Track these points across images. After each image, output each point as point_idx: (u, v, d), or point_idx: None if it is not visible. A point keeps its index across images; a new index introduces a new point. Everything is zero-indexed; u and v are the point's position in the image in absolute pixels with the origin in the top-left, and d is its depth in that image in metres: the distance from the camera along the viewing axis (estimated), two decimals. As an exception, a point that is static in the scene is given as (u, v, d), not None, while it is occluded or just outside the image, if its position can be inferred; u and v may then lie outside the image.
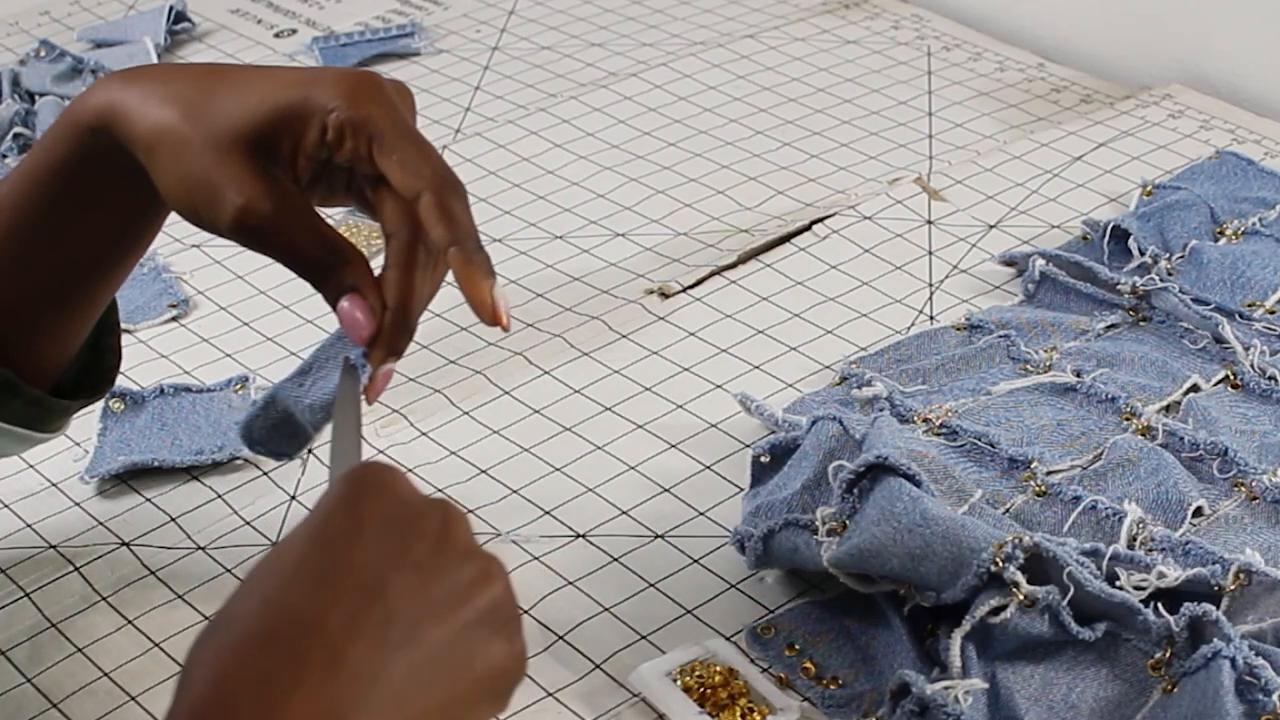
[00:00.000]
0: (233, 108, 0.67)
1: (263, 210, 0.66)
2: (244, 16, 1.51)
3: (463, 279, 0.66)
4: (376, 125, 0.66)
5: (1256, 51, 1.26)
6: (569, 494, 0.90)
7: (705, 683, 0.76)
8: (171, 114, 0.67)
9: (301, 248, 0.67)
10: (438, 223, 0.65)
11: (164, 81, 0.69)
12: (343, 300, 0.67)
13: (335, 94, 0.67)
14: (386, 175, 0.66)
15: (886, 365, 0.97)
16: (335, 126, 0.67)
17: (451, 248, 0.65)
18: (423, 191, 0.65)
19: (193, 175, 0.67)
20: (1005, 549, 0.73)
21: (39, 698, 0.80)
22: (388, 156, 0.66)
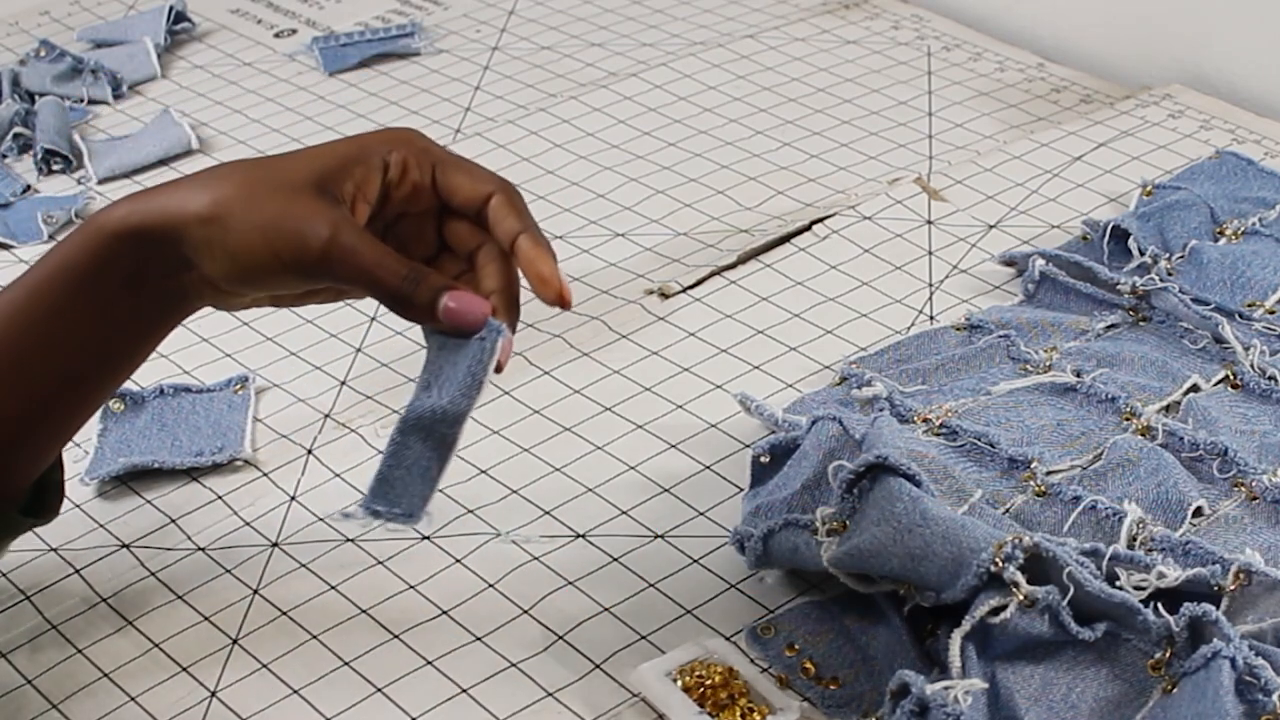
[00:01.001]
0: (291, 164, 0.72)
1: (348, 238, 0.69)
2: (244, 16, 1.51)
3: (534, 259, 0.72)
4: (436, 153, 0.73)
5: (1256, 51, 1.26)
6: (569, 494, 0.90)
7: (705, 683, 0.76)
8: (227, 185, 0.71)
9: (388, 269, 0.70)
10: (508, 214, 0.72)
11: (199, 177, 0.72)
12: (444, 300, 0.70)
13: (387, 139, 0.73)
14: (454, 191, 0.73)
15: (886, 365, 0.97)
16: (398, 163, 0.72)
17: (522, 234, 0.72)
18: (494, 193, 0.73)
19: (270, 221, 0.69)
20: (1005, 549, 0.73)
21: (39, 699, 0.80)
22: (454, 174, 0.73)
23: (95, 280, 0.72)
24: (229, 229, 0.70)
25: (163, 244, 0.71)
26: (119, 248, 0.71)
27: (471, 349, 0.71)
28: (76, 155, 1.27)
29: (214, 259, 0.71)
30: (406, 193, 0.73)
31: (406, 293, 0.70)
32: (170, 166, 1.26)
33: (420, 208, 0.74)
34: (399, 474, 0.72)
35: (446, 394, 0.71)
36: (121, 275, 0.72)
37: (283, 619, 0.83)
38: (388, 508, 0.71)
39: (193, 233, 0.70)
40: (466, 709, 0.78)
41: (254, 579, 0.86)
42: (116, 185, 1.24)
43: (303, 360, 1.03)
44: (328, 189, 0.71)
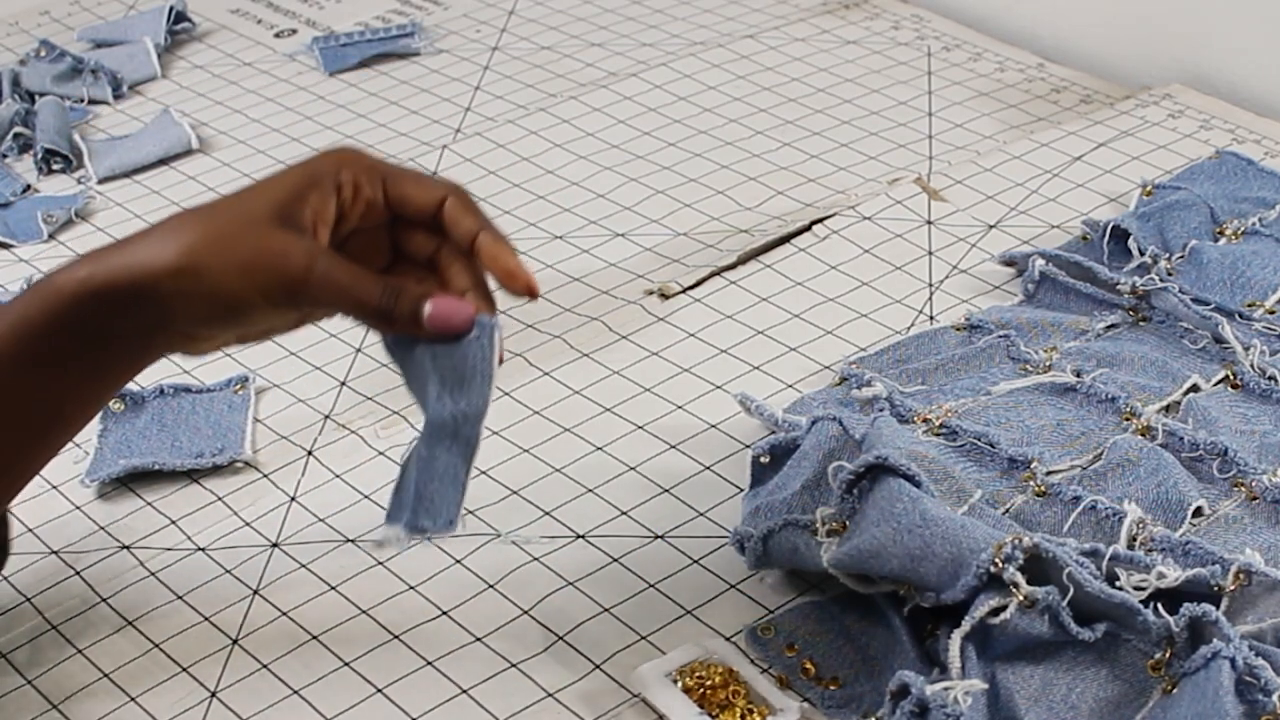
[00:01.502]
0: (249, 201, 0.72)
1: (324, 265, 0.71)
2: (244, 16, 1.51)
3: (497, 254, 0.73)
4: (383, 168, 0.74)
5: (1256, 51, 1.26)
6: (569, 494, 0.90)
7: (705, 683, 0.76)
8: (192, 234, 0.71)
9: (366, 288, 0.71)
10: (464, 215, 0.74)
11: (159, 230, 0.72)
12: (426, 308, 0.71)
13: (334, 161, 0.73)
14: (406, 201, 0.74)
15: (886, 365, 0.97)
16: (349, 182, 0.73)
17: (481, 232, 0.73)
18: (446, 196, 0.74)
19: (247, 260, 0.70)
20: (1005, 549, 0.73)
21: (39, 699, 0.80)
22: (405, 184, 0.74)
23: (54, 341, 0.72)
24: (204, 276, 0.70)
25: (131, 302, 0.71)
26: (80, 309, 0.71)
27: (470, 348, 0.72)
28: (76, 155, 1.27)
29: (190, 308, 0.71)
30: (361, 209, 0.74)
31: (387, 307, 0.71)
32: (170, 166, 1.27)
33: (373, 222, 0.75)
34: (434, 486, 0.72)
35: (462, 396, 0.72)
36: (82, 335, 0.72)
37: (283, 619, 0.83)
38: (432, 522, 0.71)
39: (165, 286, 0.71)
40: (466, 709, 0.78)
41: (254, 579, 0.86)
42: (116, 185, 1.24)
43: (303, 360, 1.03)
44: (290, 219, 0.72)
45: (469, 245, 0.74)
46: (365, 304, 0.71)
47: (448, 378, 0.72)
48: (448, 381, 0.72)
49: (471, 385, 0.72)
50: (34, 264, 1.15)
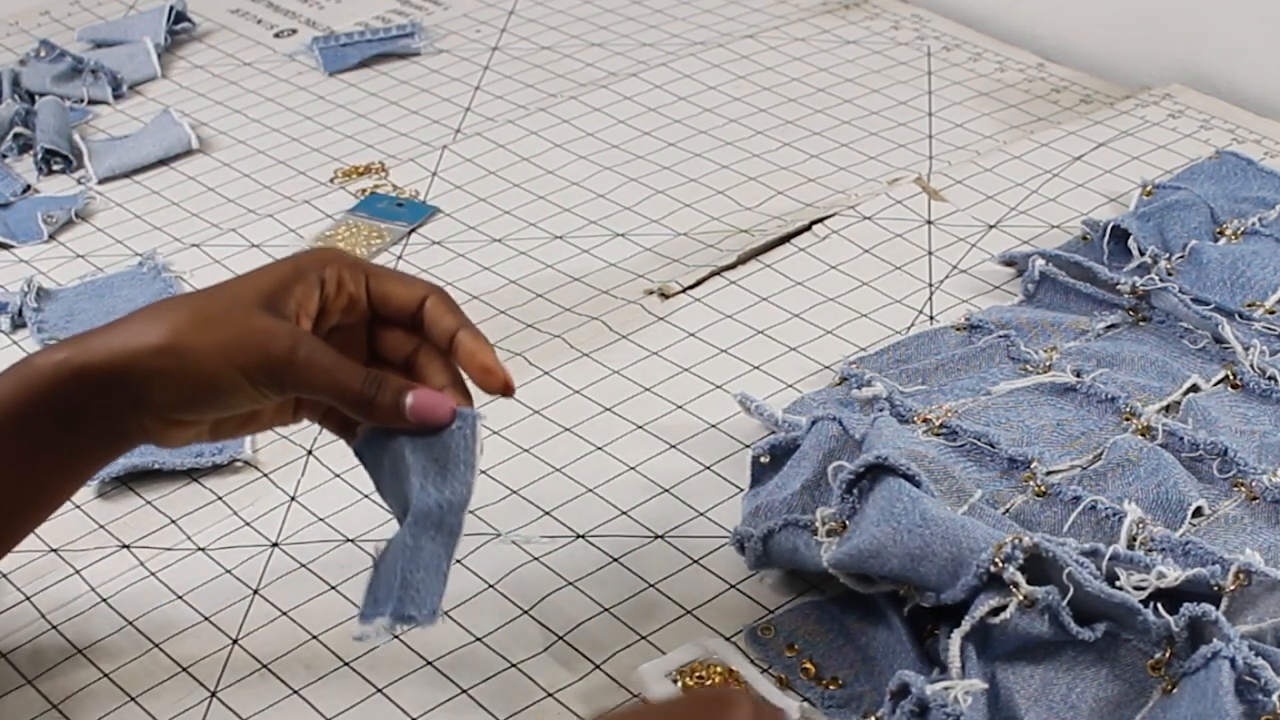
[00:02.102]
0: (234, 289, 0.74)
1: (307, 349, 0.71)
2: (244, 16, 1.51)
3: (475, 351, 0.75)
4: (366, 266, 0.76)
5: (1256, 51, 1.26)
6: (569, 494, 0.90)
7: (705, 683, 0.76)
8: (177, 316, 0.72)
9: (349, 375, 0.72)
10: (445, 313, 0.75)
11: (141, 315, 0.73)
12: (407, 399, 0.72)
13: (318, 258, 0.75)
14: (389, 298, 0.75)
15: (886, 365, 0.97)
16: (333, 278, 0.74)
17: (460, 330, 0.75)
18: (428, 295, 0.75)
19: (230, 340, 0.71)
20: (1005, 549, 0.73)
21: (39, 699, 0.80)
22: (387, 282, 0.76)
23: (28, 420, 0.72)
24: (185, 354, 0.71)
25: (109, 382, 0.72)
26: (56, 389, 0.72)
27: (453, 439, 0.73)
28: (76, 155, 1.27)
29: (169, 388, 0.72)
30: (343, 304, 0.75)
31: (369, 396, 0.72)
32: (170, 166, 1.27)
33: (354, 319, 0.76)
34: (420, 575, 0.72)
35: (446, 486, 0.73)
36: (57, 416, 0.72)
37: (283, 619, 0.83)
38: (418, 611, 0.71)
39: (145, 364, 0.71)
40: (466, 709, 0.78)
41: (254, 579, 0.86)
42: (116, 185, 1.24)
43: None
44: (274, 307, 0.73)
45: (448, 343, 0.75)
46: (348, 390, 0.72)
47: (430, 468, 0.73)
48: (430, 472, 0.73)
49: (455, 475, 0.73)
50: (34, 264, 1.15)
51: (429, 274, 1.11)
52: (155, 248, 1.15)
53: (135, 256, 1.15)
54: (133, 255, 1.15)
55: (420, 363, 0.76)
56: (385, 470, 0.75)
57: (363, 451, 0.76)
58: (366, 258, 1.12)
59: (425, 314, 0.76)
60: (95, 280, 1.12)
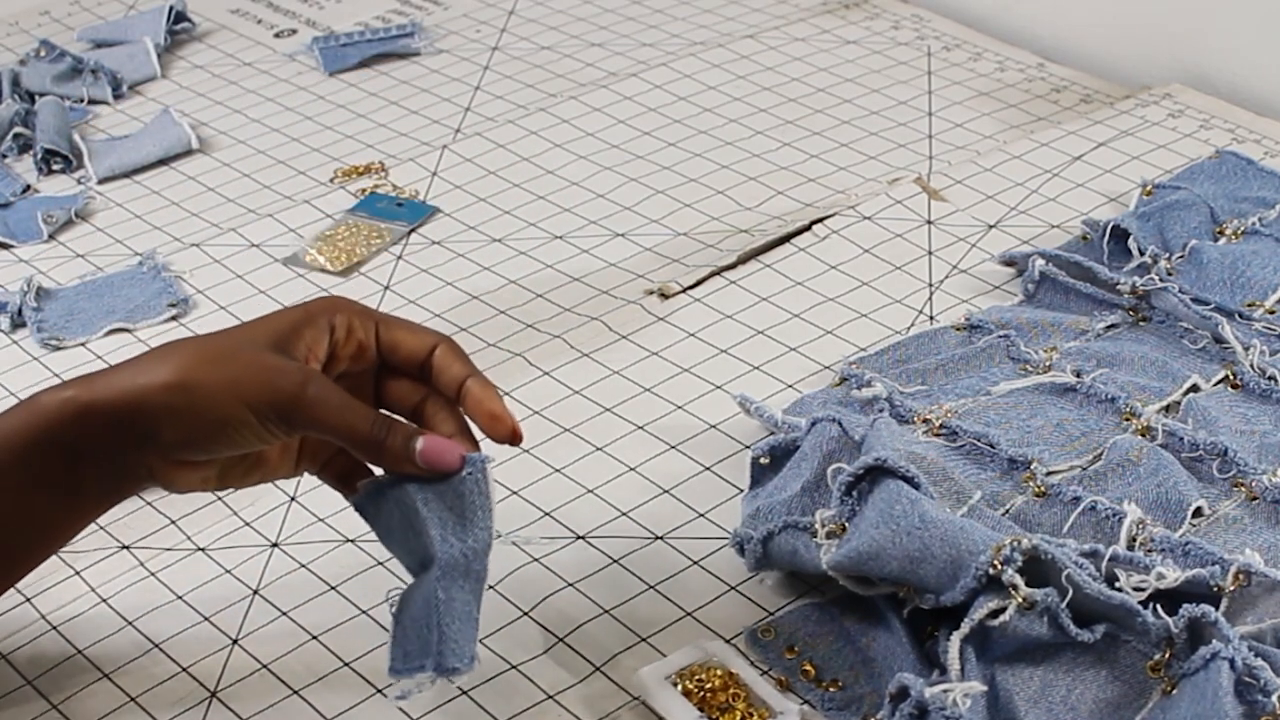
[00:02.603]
0: (245, 332, 0.74)
1: (318, 387, 0.71)
2: (244, 16, 1.51)
3: (483, 398, 0.75)
4: (375, 314, 0.76)
5: (1256, 51, 1.26)
6: (569, 495, 0.90)
7: (705, 686, 0.76)
8: (187, 356, 0.72)
9: (360, 416, 0.72)
10: (454, 362, 0.75)
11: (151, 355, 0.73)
12: (417, 444, 0.72)
13: (328, 305, 0.75)
14: (398, 346, 0.75)
15: (886, 366, 0.97)
16: (343, 324, 0.75)
17: (469, 378, 0.75)
18: (438, 344, 0.75)
19: (240, 376, 0.71)
20: (1004, 551, 0.73)
21: (39, 699, 0.80)
22: (397, 330, 0.76)
23: (33, 457, 0.72)
24: (194, 391, 0.71)
25: (115, 421, 0.71)
26: (63, 426, 0.72)
27: (467, 486, 0.73)
28: (76, 155, 1.27)
29: (177, 425, 0.71)
30: (352, 351, 0.75)
31: (379, 438, 0.72)
32: (170, 166, 1.27)
33: (362, 366, 0.76)
34: (455, 626, 0.72)
35: (468, 534, 0.73)
36: (62, 454, 0.72)
37: (283, 619, 0.83)
38: (459, 662, 0.71)
39: (155, 400, 0.71)
40: (466, 711, 0.78)
41: (254, 579, 0.86)
42: (116, 185, 1.24)
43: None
44: (284, 349, 0.73)
45: (456, 391, 0.75)
46: (357, 431, 0.72)
47: (448, 518, 0.73)
48: (449, 522, 0.73)
49: (474, 522, 0.73)
50: (34, 264, 1.15)
51: (429, 274, 1.11)
52: (155, 248, 1.15)
53: (135, 256, 1.15)
54: (133, 255, 1.15)
55: (427, 412, 0.76)
56: (394, 523, 0.75)
57: (365, 506, 0.76)
58: (366, 257, 1.12)
59: (434, 362, 0.76)
60: (95, 280, 1.12)
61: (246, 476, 0.77)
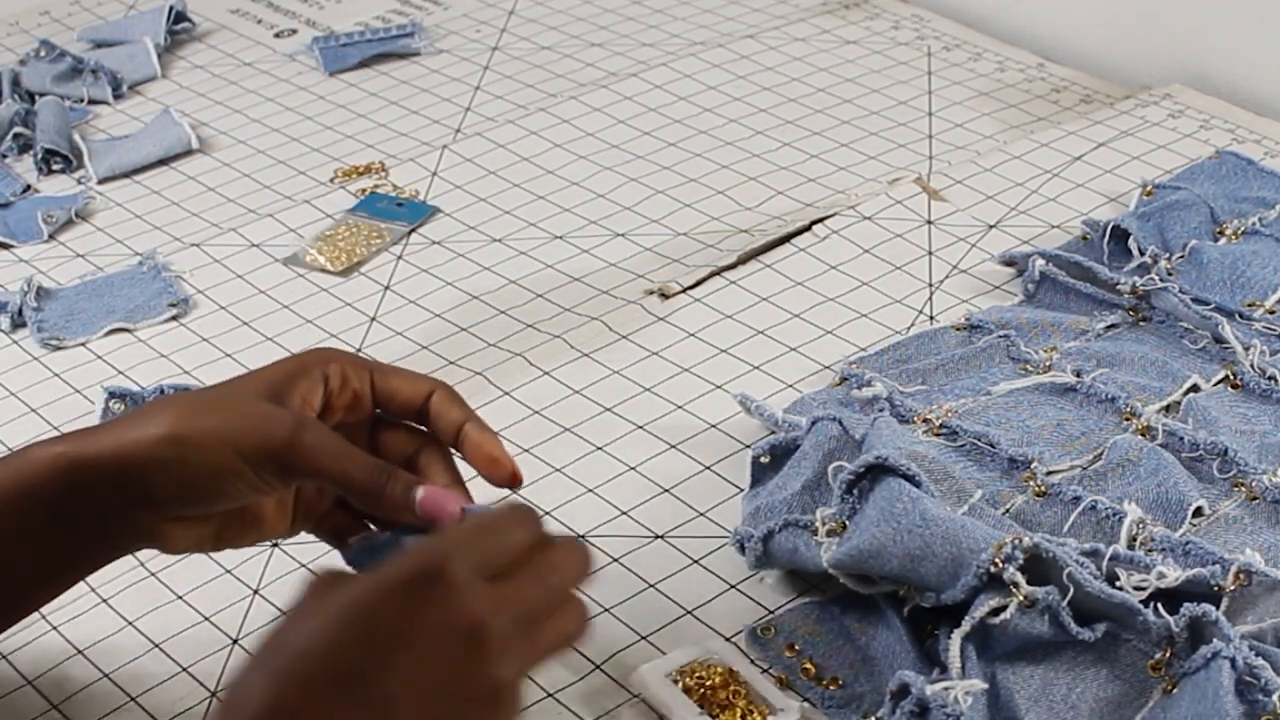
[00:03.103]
0: (239, 383, 0.73)
1: (313, 433, 0.70)
2: (244, 16, 1.51)
3: (482, 442, 0.74)
4: (371, 363, 0.75)
5: (1256, 51, 1.26)
6: (569, 494, 0.90)
7: (705, 683, 0.76)
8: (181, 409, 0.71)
9: (357, 463, 0.71)
10: (452, 407, 0.75)
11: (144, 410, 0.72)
12: (417, 493, 0.71)
13: (322, 355, 0.74)
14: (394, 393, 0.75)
15: (886, 365, 0.97)
16: (338, 373, 0.74)
17: (468, 423, 0.74)
18: (435, 389, 0.75)
19: (233, 424, 0.70)
20: (1005, 549, 0.73)
21: (39, 699, 0.80)
22: (392, 378, 0.75)
23: (20, 513, 0.71)
24: (186, 442, 0.70)
25: (105, 477, 0.70)
26: (53, 481, 0.70)
27: None
28: (76, 155, 1.27)
29: (168, 478, 0.70)
30: (347, 400, 0.74)
31: (378, 485, 0.71)
32: (170, 166, 1.27)
33: (358, 417, 0.75)
34: None
35: None
36: (51, 512, 0.71)
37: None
38: None
39: (145, 454, 0.70)
40: (466, 709, 0.78)
41: (254, 579, 0.86)
42: (116, 185, 1.24)
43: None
44: (278, 399, 0.72)
45: (454, 436, 0.74)
46: (354, 478, 0.71)
47: None
48: None
49: None
50: (34, 264, 1.15)
51: (429, 274, 1.11)
52: (155, 248, 1.15)
53: (135, 256, 1.15)
54: (133, 255, 1.15)
55: (422, 463, 0.75)
56: None
57: (359, 560, 0.74)
58: (366, 257, 1.12)
59: (431, 408, 0.75)
60: (95, 280, 1.12)
61: (243, 535, 0.75)
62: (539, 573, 0.64)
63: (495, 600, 0.62)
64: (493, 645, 0.61)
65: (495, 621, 0.61)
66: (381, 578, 0.61)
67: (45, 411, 1.00)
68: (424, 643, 0.60)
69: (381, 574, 0.61)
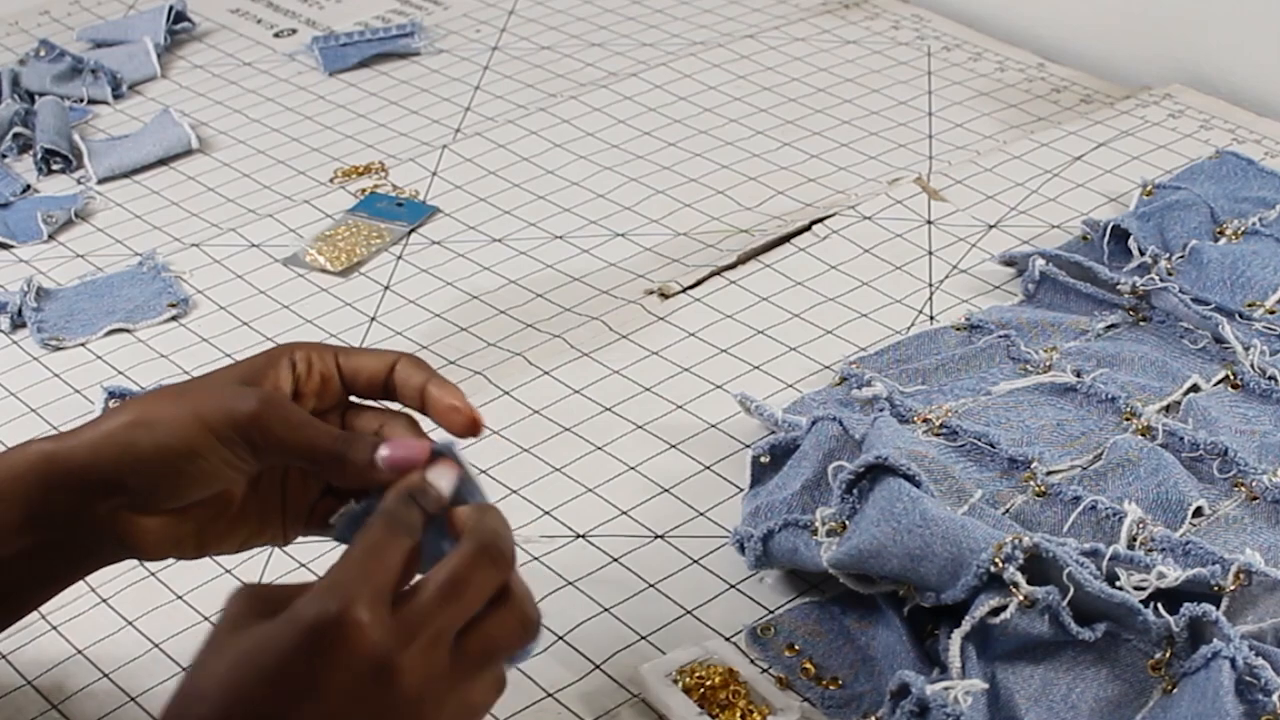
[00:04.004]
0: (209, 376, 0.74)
1: (277, 406, 0.70)
2: (244, 16, 1.51)
3: (443, 394, 0.73)
4: (335, 347, 0.75)
5: (1256, 51, 1.26)
6: (569, 494, 0.90)
7: (705, 683, 0.76)
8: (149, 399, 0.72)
9: (321, 431, 0.71)
10: (414, 371, 0.74)
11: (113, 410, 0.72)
12: (381, 451, 0.70)
13: (287, 346, 0.74)
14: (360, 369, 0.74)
15: (886, 365, 0.97)
16: (303, 359, 0.74)
17: (429, 382, 0.73)
18: (398, 358, 0.74)
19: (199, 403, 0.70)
20: (1005, 549, 0.73)
21: (39, 699, 0.80)
22: (356, 356, 0.75)
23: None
24: (156, 424, 0.70)
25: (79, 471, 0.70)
26: (30, 483, 0.70)
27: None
28: (76, 155, 1.27)
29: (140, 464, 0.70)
30: (316, 385, 0.74)
31: (341, 451, 0.71)
32: (170, 166, 1.27)
33: (328, 403, 0.75)
34: None
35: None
36: (27, 512, 0.70)
37: (283, 619, 0.83)
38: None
39: (117, 440, 0.70)
40: (466, 709, 0.78)
41: (254, 578, 0.86)
42: (116, 185, 1.24)
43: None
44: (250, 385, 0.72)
45: (420, 399, 0.74)
46: (319, 446, 0.71)
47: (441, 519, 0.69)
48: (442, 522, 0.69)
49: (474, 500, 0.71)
50: (34, 264, 1.15)
51: (429, 274, 1.11)
52: (155, 248, 1.15)
53: (135, 256, 1.15)
54: (133, 255, 1.15)
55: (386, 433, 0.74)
56: None
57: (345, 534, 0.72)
58: (366, 257, 1.13)
59: (396, 376, 0.75)
60: (95, 280, 1.12)
61: (226, 536, 0.74)
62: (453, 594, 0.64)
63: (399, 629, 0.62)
64: (403, 676, 0.61)
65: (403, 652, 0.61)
66: (287, 620, 0.61)
67: (45, 411, 1.00)
68: (333, 689, 0.60)
69: (286, 616, 0.61)
